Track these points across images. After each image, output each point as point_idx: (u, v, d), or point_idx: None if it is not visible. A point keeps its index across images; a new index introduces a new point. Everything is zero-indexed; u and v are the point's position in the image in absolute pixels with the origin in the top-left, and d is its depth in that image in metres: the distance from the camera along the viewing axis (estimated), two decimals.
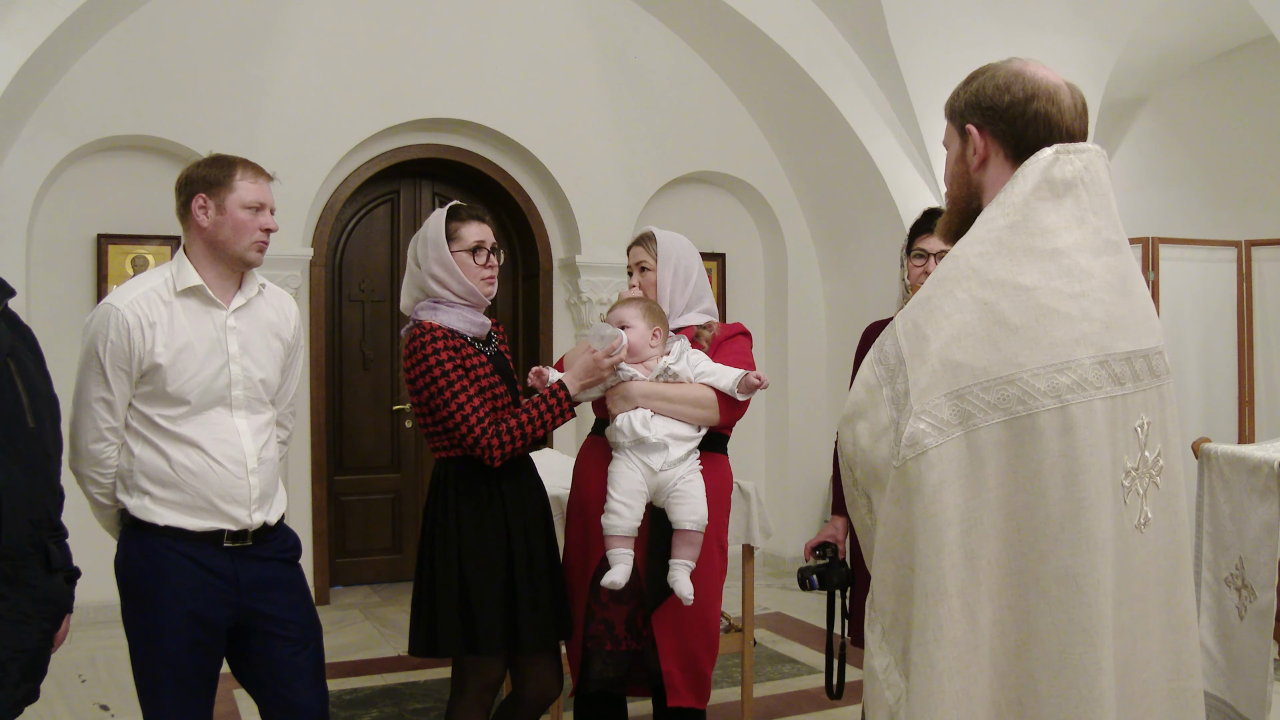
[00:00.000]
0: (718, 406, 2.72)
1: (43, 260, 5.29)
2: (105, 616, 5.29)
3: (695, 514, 2.66)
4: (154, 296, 2.40)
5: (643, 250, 2.91)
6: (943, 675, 1.42)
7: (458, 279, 2.68)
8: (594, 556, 2.77)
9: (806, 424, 6.69)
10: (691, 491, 2.67)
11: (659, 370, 2.71)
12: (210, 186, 2.45)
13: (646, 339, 2.73)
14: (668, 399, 2.69)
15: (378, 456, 6.20)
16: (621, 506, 2.64)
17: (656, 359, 2.73)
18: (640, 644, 2.77)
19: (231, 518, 2.42)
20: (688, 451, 2.70)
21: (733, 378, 2.72)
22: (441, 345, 2.61)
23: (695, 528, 2.66)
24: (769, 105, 6.49)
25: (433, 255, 2.68)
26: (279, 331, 2.58)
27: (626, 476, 2.66)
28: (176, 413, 2.39)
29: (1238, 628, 2.98)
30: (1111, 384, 1.51)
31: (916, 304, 1.55)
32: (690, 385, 2.72)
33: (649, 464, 2.65)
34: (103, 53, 5.23)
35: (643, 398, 2.68)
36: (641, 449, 2.65)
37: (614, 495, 2.65)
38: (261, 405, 2.52)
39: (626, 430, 2.66)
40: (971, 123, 1.62)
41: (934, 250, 2.90)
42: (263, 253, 2.50)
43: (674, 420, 2.69)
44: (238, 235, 2.44)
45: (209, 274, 2.46)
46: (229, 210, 2.43)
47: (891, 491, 1.48)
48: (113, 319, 2.35)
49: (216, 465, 2.40)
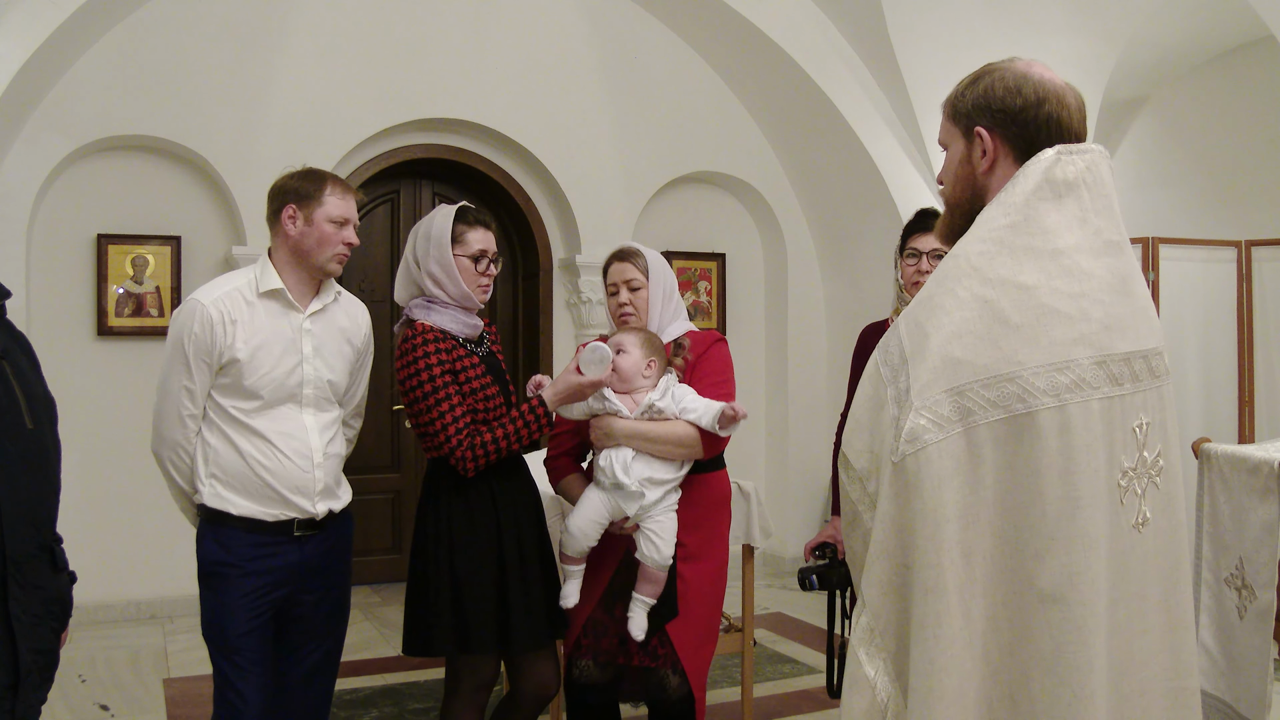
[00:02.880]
0: (700, 444, 2.72)
1: (43, 260, 5.29)
2: (105, 617, 5.31)
3: (660, 554, 2.69)
4: (237, 295, 2.56)
5: (632, 268, 2.85)
6: (941, 672, 1.42)
7: (455, 282, 2.69)
8: (608, 564, 2.78)
9: (806, 424, 6.68)
10: (660, 532, 2.69)
11: (644, 407, 2.71)
12: (301, 198, 2.59)
13: (640, 369, 2.72)
14: (650, 439, 2.69)
15: (378, 456, 6.20)
16: (579, 532, 2.70)
17: (645, 391, 2.72)
18: (651, 662, 2.77)
19: (298, 508, 2.57)
20: (664, 494, 2.71)
21: (712, 414, 2.70)
22: (433, 349, 2.63)
23: (657, 567, 2.69)
24: (769, 105, 6.49)
25: (434, 254, 2.68)
26: (350, 337, 2.74)
27: (594, 508, 2.70)
28: (250, 406, 2.54)
29: (1238, 628, 2.98)
30: (1109, 384, 1.51)
31: (919, 302, 1.55)
32: (674, 423, 2.71)
33: (624, 509, 2.68)
34: (103, 53, 5.23)
35: (625, 437, 2.69)
36: (620, 494, 2.67)
37: (575, 519, 2.71)
38: (329, 404, 2.67)
39: (609, 472, 2.68)
40: (981, 125, 1.61)
41: (927, 249, 2.91)
42: (342, 264, 2.65)
43: (655, 460, 2.70)
44: (321, 246, 2.59)
45: (290, 279, 2.61)
46: (316, 222, 2.58)
47: (889, 487, 1.48)
48: (198, 313, 2.52)
49: (284, 458, 2.55)
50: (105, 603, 5.32)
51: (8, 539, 1.93)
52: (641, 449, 2.69)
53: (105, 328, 5.39)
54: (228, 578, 2.54)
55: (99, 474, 5.21)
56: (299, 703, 2.70)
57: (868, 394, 1.56)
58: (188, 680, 4.46)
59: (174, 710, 4.14)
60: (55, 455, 2.12)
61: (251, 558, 2.54)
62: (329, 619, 2.72)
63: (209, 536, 2.58)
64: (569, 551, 2.73)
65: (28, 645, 1.97)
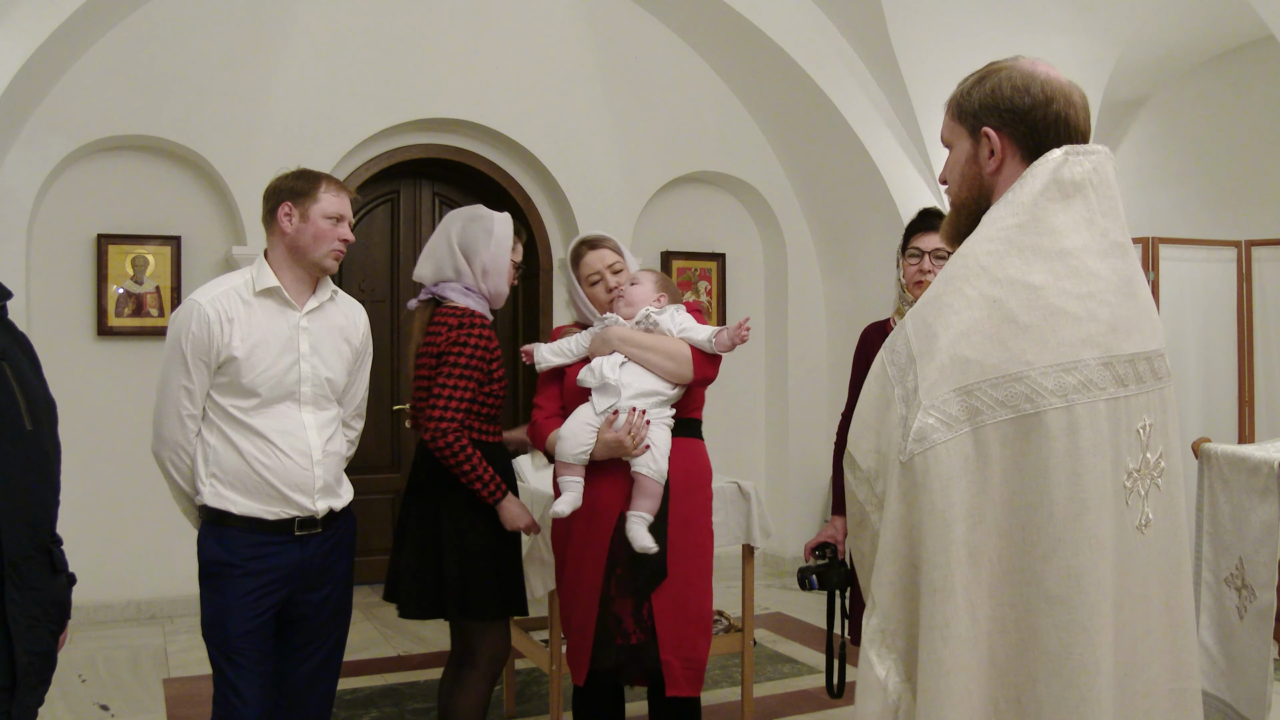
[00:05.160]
0: (691, 362, 2.78)
1: (43, 260, 5.28)
2: (105, 617, 5.31)
3: (657, 464, 2.72)
4: (234, 295, 2.60)
5: (610, 252, 2.93)
6: (949, 673, 1.42)
7: (500, 281, 2.96)
8: (603, 550, 2.79)
9: (806, 424, 6.68)
10: (657, 442, 2.73)
11: (640, 316, 2.78)
12: (296, 196, 2.64)
13: (649, 299, 2.82)
14: (642, 346, 2.76)
15: (378, 456, 6.20)
16: (569, 433, 2.75)
17: (640, 303, 2.83)
18: (645, 637, 2.78)
19: (299, 505, 2.59)
20: (655, 405, 2.76)
21: (710, 330, 2.78)
22: (482, 338, 2.86)
23: (652, 476, 2.72)
24: (769, 105, 6.49)
25: (495, 250, 2.93)
26: (348, 336, 2.76)
27: (584, 411, 2.76)
28: (249, 404, 2.57)
29: (1238, 628, 2.98)
30: (1115, 385, 1.51)
31: (926, 302, 1.54)
32: (667, 337, 2.79)
33: (598, 404, 2.73)
34: (103, 53, 5.23)
35: (619, 341, 2.76)
36: (603, 392, 2.73)
37: (566, 424, 2.77)
38: (328, 402, 2.70)
39: (595, 371, 2.73)
40: (988, 125, 1.60)
41: (929, 249, 2.90)
42: (338, 261, 2.69)
43: (645, 371, 2.75)
44: (317, 243, 2.63)
45: (286, 277, 2.64)
46: (312, 219, 2.62)
47: (897, 487, 1.48)
48: (195, 313, 2.55)
49: (283, 456, 2.57)
50: (105, 603, 5.32)
51: (6, 541, 1.92)
52: (632, 355, 2.75)
53: (105, 328, 5.38)
54: (228, 577, 2.55)
55: (99, 474, 5.20)
56: (301, 703, 2.72)
57: (874, 394, 1.55)
58: (188, 680, 4.45)
59: (174, 710, 4.13)
60: (55, 457, 2.12)
61: (252, 557, 2.55)
62: (331, 619, 2.72)
63: (210, 537, 2.59)
64: (563, 457, 2.76)
65: (25, 647, 1.96)
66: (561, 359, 2.88)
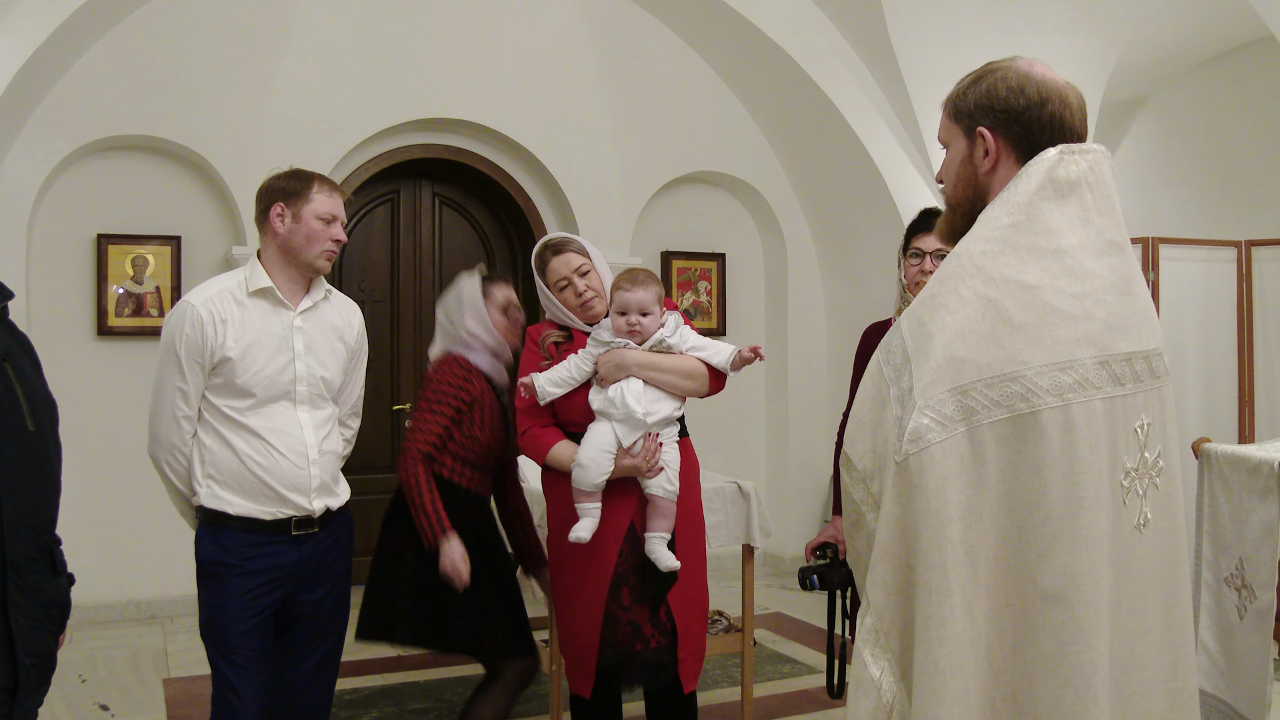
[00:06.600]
0: (707, 379, 2.82)
1: (43, 260, 5.29)
2: (105, 616, 5.31)
3: (670, 484, 2.76)
4: (227, 295, 2.60)
5: (575, 256, 2.91)
6: (945, 673, 1.42)
7: (490, 333, 3.08)
8: (608, 565, 2.78)
9: (806, 424, 6.68)
10: (666, 461, 2.76)
11: (654, 340, 2.77)
12: (289, 197, 2.63)
13: (658, 324, 2.81)
14: (660, 369, 2.77)
15: (378, 456, 6.19)
16: (590, 460, 2.71)
17: (653, 330, 2.81)
18: (666, 640, 2.80)
19: (295, 505, 2.59)
20: (667, 426, 2.79)
21: (727, 353, 2.80)
22: (466, 384, 2.99)
23: (668, 497, 2.75)
24: (769, 105, 6.49)
25: (469, 308, 3.08)
26: (342, 335, 2.77)
27: (603, 438, 2.72)
28: (244, 404, 2.57)
29: (1238, 628, 2.98)
30: (1111, 384, 1.51)
31: (921, 302, 1.54)
32: (683, 357, 2.81)
33: (629, 438, 2.71)
34: (103, 53, 5.23)
35: (638, 367, 2.75)
36: (629, 424, 2.71)
37: (584, 451, 2.73)
38: (324, 401, 2.70)
39: (619, 403, 2.71)
40: (984, 125, 1.60)
41: (930, 249, 2.90)
42: (331, 261, 2.69)
43: (661, 393, 2.76)
44: (310, 243, 2.63)
45: (279, 277, 2.64)
46: (304, 219, 2.62)
47: (893, 487, 1.48)
48: (189, 315, 2.55)
49: (279, 455, 2.57)
50: (105, 603, 5.32)
51: (8, 542, 1.92)
52: (651, 380, 2.75)
53: (105, 328, 5.39)
54: (226, 577, 2.55)
55: (99, 474, 5.20)
56: (300, 703, 2.72)
57: (870, 394, 1.55)
58: (188, 680, 4.45)
59: (174, 710, 4.14)
60: (56, 458, 2.12)
61: (249, 557, 2.55)
62: (330, 619, 2.73)
63: (207, 537, 2.59)
64: (582, 486, 2.73)
65: (27, 649, 1.96)
66: (563, 388, 2.82)
